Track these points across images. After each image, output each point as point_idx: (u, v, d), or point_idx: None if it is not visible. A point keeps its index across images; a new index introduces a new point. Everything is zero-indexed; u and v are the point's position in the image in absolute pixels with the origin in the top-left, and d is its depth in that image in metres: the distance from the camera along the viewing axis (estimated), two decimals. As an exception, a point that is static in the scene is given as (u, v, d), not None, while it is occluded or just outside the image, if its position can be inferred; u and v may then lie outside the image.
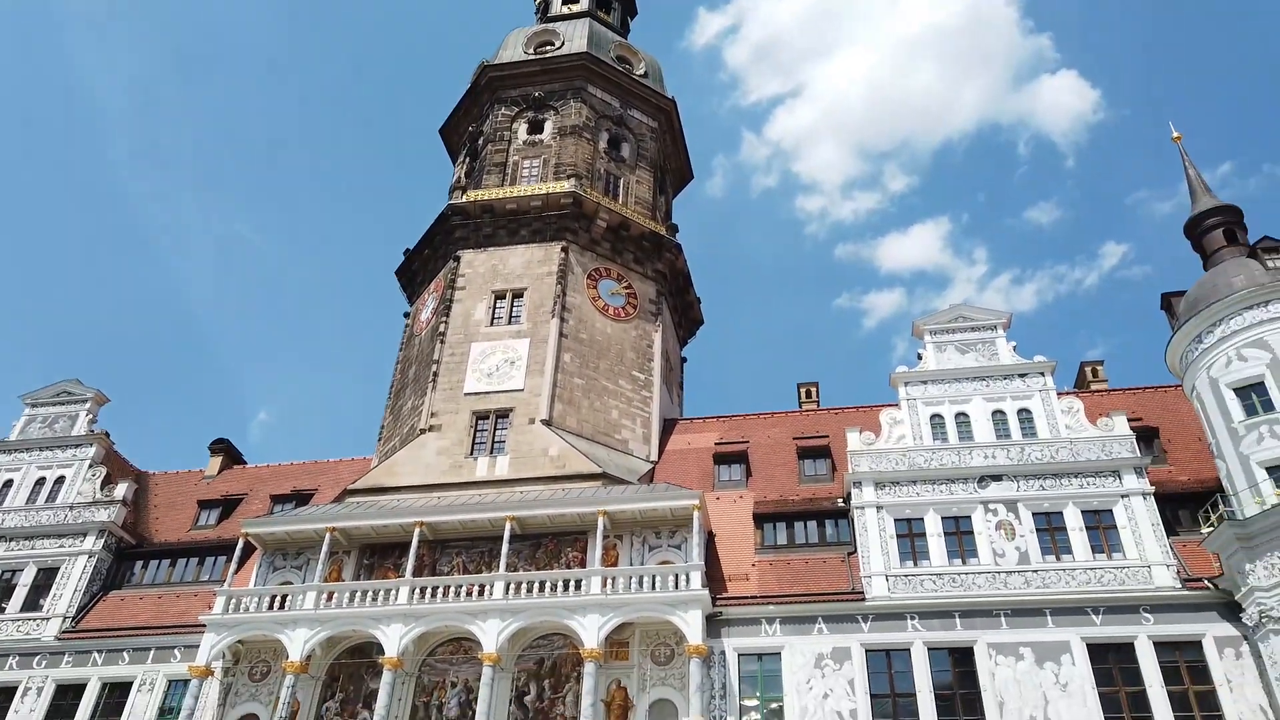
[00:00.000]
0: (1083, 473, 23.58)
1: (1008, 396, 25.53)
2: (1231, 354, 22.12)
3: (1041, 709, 20.49)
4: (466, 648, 23.73)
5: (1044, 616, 21.70)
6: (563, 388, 29.56)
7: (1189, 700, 20.12)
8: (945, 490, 24.07)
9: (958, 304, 27.96)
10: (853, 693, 21.48)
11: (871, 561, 23.21)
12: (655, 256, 34.27)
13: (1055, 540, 22.92)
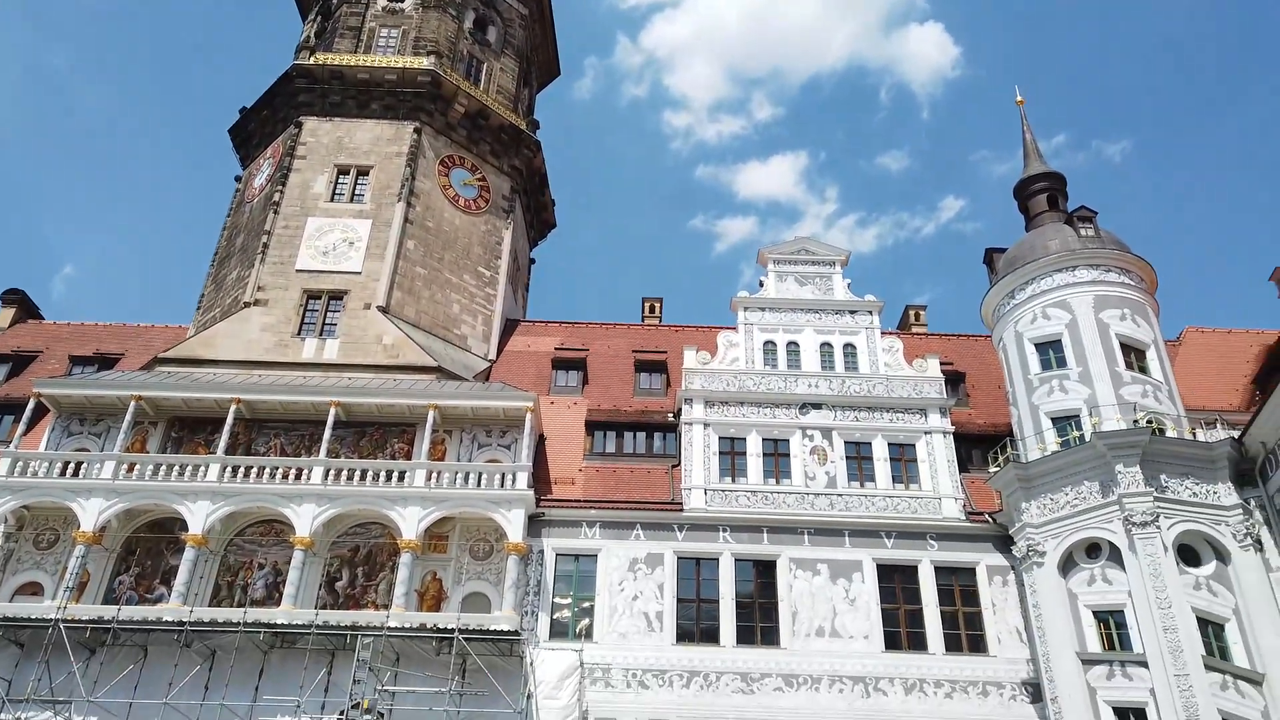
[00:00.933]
0: (894, 408, 25.19)
1: (837, 330, 26.74)
2: (1037, 311, 23.97)
3: (830, 620, 22.21)
4: (278, 530, 23.09)
5: (842, 537, 23.32)
6: (403, 275, 28.56)
7: (958, 619, 22.31)
8: (769, 414, 25.15)
9: (802, 237, 28.82)
10: (661, 596, 22.49)
11: (693, 475, 24.10)
12: (513, 151, 33.28)
13: (862, 468, 24.52)
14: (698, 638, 22.16)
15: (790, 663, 21.65)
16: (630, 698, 21.16)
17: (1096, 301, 23.38)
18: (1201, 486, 20.51)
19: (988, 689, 21.32)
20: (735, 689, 21.35)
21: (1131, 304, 23.54)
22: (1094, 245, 24.12)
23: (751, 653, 21.82)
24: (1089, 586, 20.46)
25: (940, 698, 21.21)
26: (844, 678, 21.47)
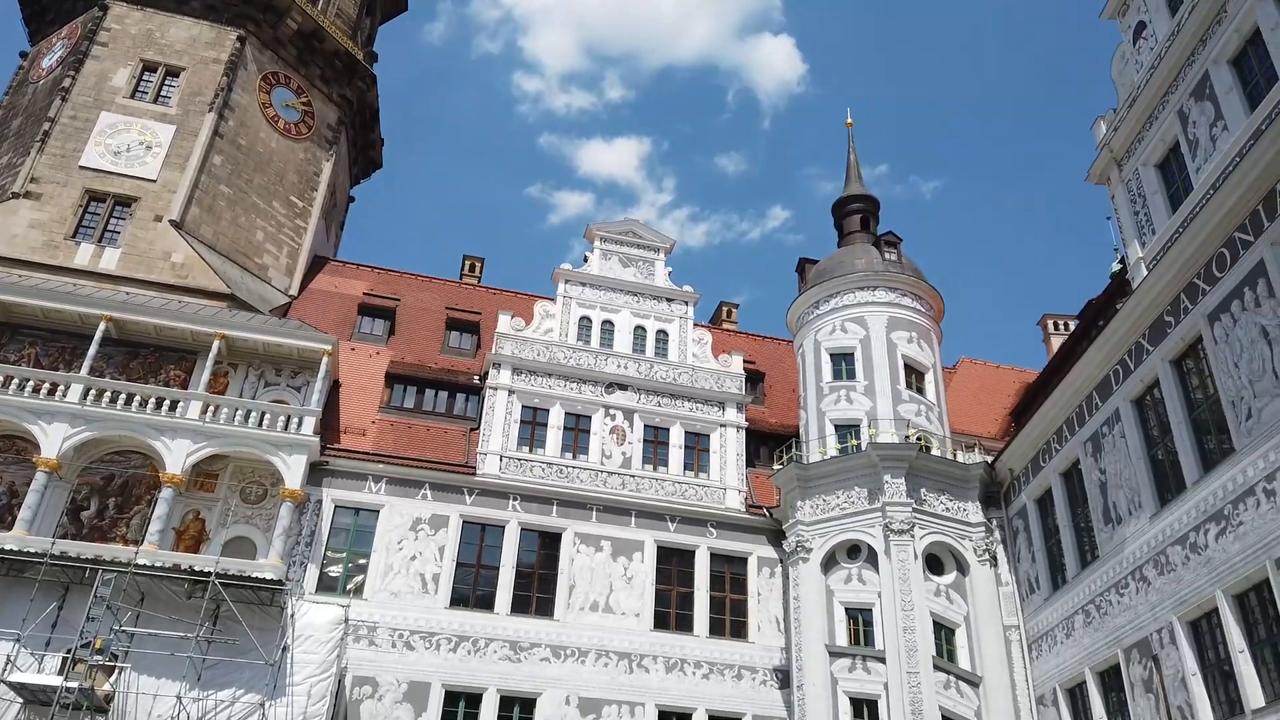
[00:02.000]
0: (695, 398, 25.91)
1: (652, 316, 27.17)
2: (837, 324, 25.33)
3: (606, 596, 22.62)
4: (20, 447, 20.82)
5: (629, 517, 23.78)
6: (205, 191, 26.44)
7: (725, 605, 23.31)
8: (575, 389, 25.22)
9: (632, 219, 29.04)
10: (440, 559, 22.11)
11: (491, 441, 23.79)
12: (345, 80, 31.49)
13: (657, 452, 25.08)
14: (472, 603, 21.96)
15: (561, 634, 21.87)
16: (394, 658, 20.69)
17: (890, 322, 24.98)
18: (954, 503, 22.38)
19: (743, 672, 22.43)
20: (503, 656, 21.34)
21: (919, 329, 25.31)
22: (895, 270, 25.72)
23: (524, 622, 21.87)
24: (845, 584, 21.88)
25: (698, 678, 22.11)
26: (611, 652, 21.93)
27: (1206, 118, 16.58)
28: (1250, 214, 14.85)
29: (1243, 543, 14.39)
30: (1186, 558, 15.76)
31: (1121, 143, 19.10)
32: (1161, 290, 16.88)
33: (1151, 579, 16.66)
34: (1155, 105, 18.10)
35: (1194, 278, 16.18)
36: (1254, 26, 15.48)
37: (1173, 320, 16.75)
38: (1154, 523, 16.76)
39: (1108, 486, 18.49)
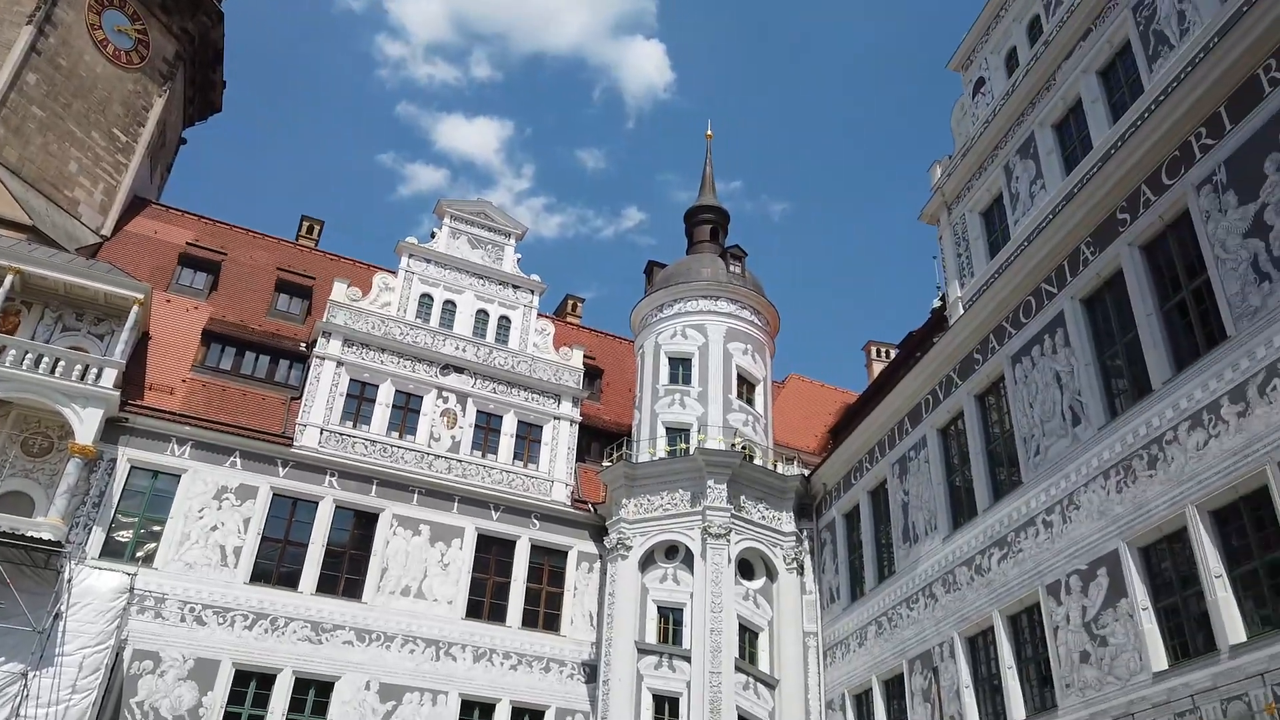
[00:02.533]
0: (532, 388, 25.73)
1: (496, 301, 26.78)
2: (679, 329, 25.82)
3: (419, 581, 22.09)
4: None
5: (452, 502, 23.34)
6: (14, 110, 23.94)
7: (540, 597, 23.28)
8: (409, 367, 24.51)
9: (486, 201, 28.52)
10: (244, 531, 20.95)
11: (313, 412, 22.76)
12: (188, 13, 29.25)
13: (488, 439, 24.73)
14: (275, 580, 20.93)
15: (368, 618, 21.20)
16: (182, 632, 19.44)
17: (728, 333, 25.68)
18: (770, 512, 23.26)
19: (551, 665, 22.46)
20: (303, 637, 20.45)
21: (755, 342, 26.16)
22: (738, 282, 26.47)
23: (329, 603, 21.05)
24: (660, 584, 22.32)
25: (506, 669, 21.97)
26: (418, 639, 21.45)
27: (1029, 175, 17.97)
28: (1056, 269, 16.20)
29: (1020, 568, 15.68)
30: (971, 578, 17.01)
31: (953, 188, 20.41)
32: (974, 330, 18.14)
33: (939, 596, 17.88)
34: (986, 157, 19.45)
35: (1003, 321, 17.49)
36: (1077, 97, 16.91)
37: (980, 359, 18.05)
38: (946, 544, 18.00)
39: (909, 507, 19.71)
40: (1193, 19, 14.14)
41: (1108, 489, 13.97)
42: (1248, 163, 12.38)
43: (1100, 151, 15.72)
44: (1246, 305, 12.02)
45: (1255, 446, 11.48)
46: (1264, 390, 11.51)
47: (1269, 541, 11.34)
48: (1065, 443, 15.17)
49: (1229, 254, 12.46)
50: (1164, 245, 14.04)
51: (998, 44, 19.89)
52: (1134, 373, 14.22)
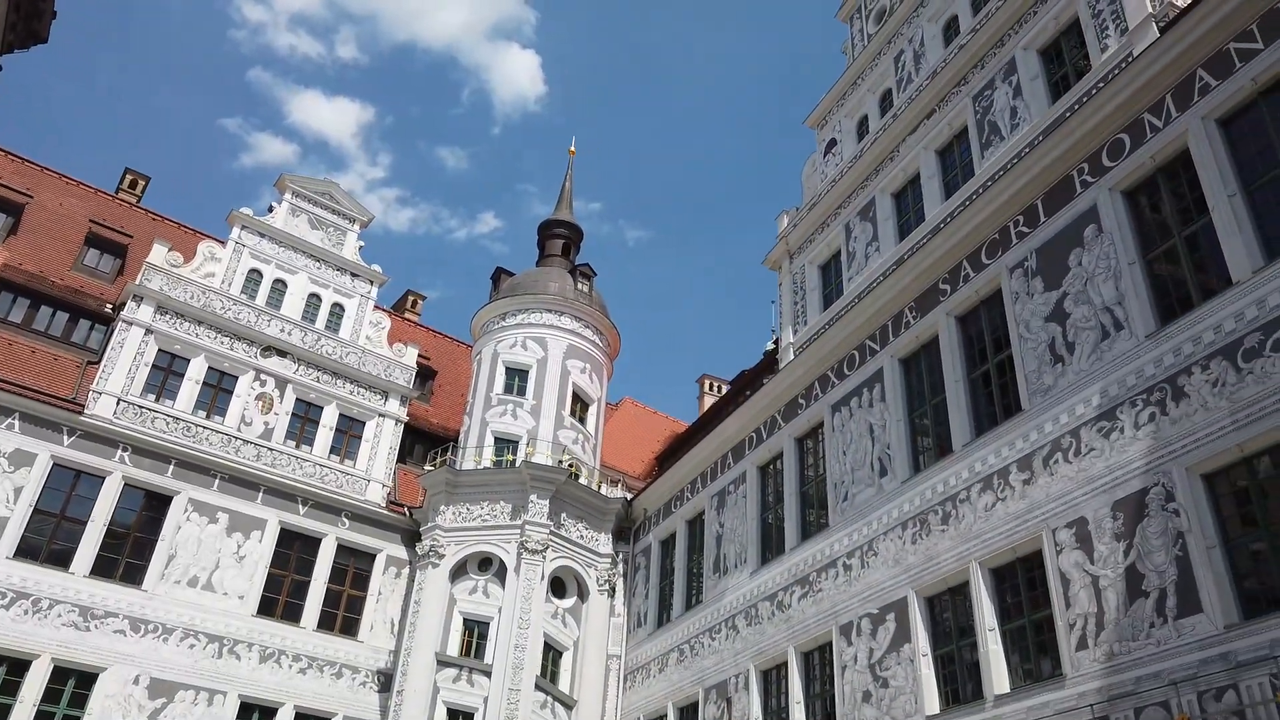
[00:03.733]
0: (359, 382, 24.79)
1: (332, 287, 25.71)
2: (519, 339, 25.61)
3: (210, 572, 20.73)
4: None
5: (256, 491, 22.08)
6: None
7: (341, 599, 22.33)
8: (227, 344, 23.11)
9: (334, 182, 27.39)
10: (13, 501, 19.04)
11: (111, 380, 21.02)
12: (26, -69, 26.69)
13: (304, 430, 23.60)
14: (44, 557, 19.12)
15: (146, 607, 19.67)
16: (-78, 609, 17.37)
17: (569, 349, 25.70)
18: (589, 532, 23.33)
19: (343, 671, 21.55)
20: (69, 623, 18.74)
21: (594, 361, 26.30)
22: (584, 300, 26.58)
23: (104, 587, 19.41)
24: (470, 595, 21.89)
25: (294, 672, 20.90)
26: (201, 634, 20.08)
27: (866, 236, 19.04)
28: (881, 328, 17.20)
29: (818, 607, 16.41)
30: (773, 613, 17.65)
31: (796, 239, 21.34)
32: (801, 375, 18.97)
33: (741, 628, 18.45)
34: (829, 214, 20.47)
35: (828, 370, 18.38)
36: (916, 171, 18.09)
37: (804, 403, 18.87)
38: (753, 578, 18.61)
39: (723, 539, 20.27)
40: (1023, 115, 15.45)
41: (904, 539, 14.87)
42: (1055, 253, 13.60)
43: (931, 224, 16.85)
44: (1041, 383, 13.15)
45: (1035, 513, 12.53)
46: (1048, 462, 12.60)
47: (1038, 601, 12.37)
48: (871, 491, 16.04)
49: (1031, 334, 13.60)
50: (977, 318, 15.18)
51: (852, 110, 21.02)
52: (939, 433, 15.24)
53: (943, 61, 17.89)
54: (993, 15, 16.60)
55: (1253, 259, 10.70)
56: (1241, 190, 11.19)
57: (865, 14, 21.64)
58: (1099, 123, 13.29)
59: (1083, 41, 14.72)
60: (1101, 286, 12.60)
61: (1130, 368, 11.78)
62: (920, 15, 19.22)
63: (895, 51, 19.85)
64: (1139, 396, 11.53)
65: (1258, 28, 11.41)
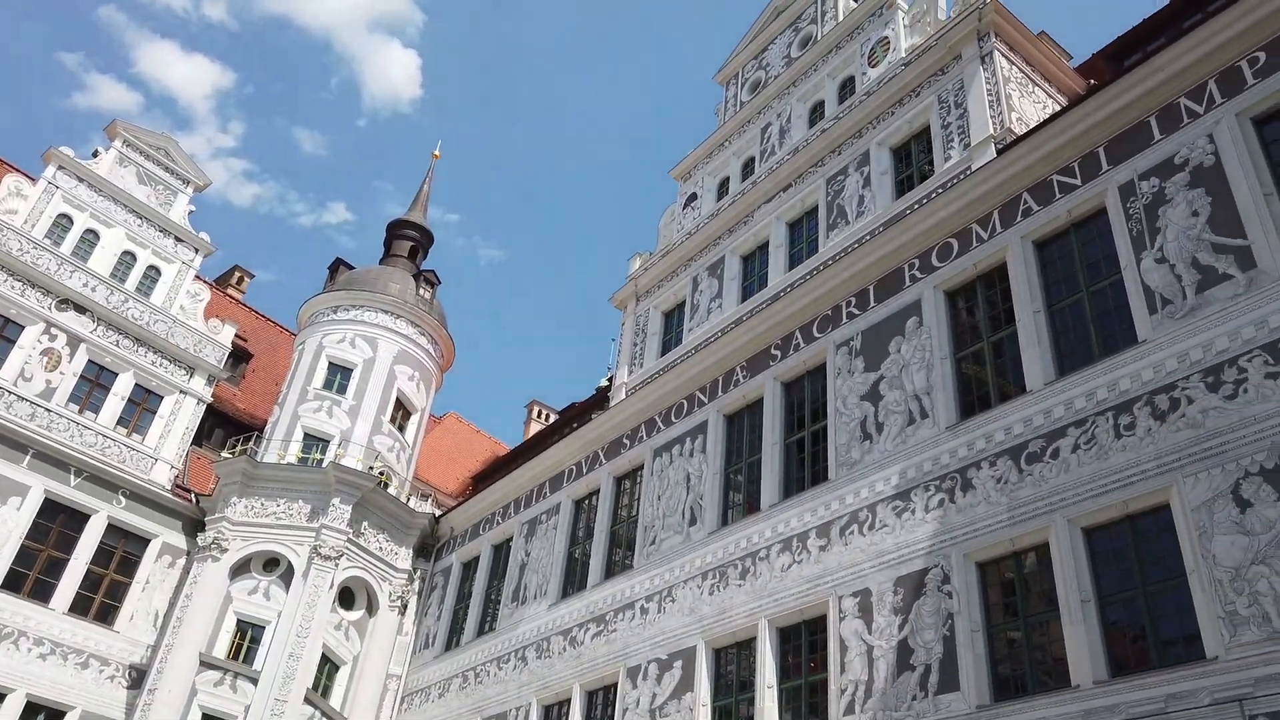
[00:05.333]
0: (164, 352, 23.08)
1: (151, 248, 23.92)
2: (349, 336, 24.61)
3: (-50, 537, 18.55)
4: None
5: (24, 454, 20.08)
6: None
7: (102, 583, 20.54)
8: (18, 289, 21.01)
9: (174, 139, 25.63)
10: None
11: None
12: None
13: (93, 394, 21.72)
14: None
15: None
16: None
17: (400, 355, 24.93)
18: (390, 544, 22.51)
19: (92, 662, 19.72)
20: None
21: (424, 371, 25.62)
22: (424, 307, 25.92)
23: None
24: (249, 595, 20.59)
25: (33, 656, 18.96)
26: (-74, 605, 17.87)
27: (711, 292, 19.61)
28: (712, 382, 17.68)
29: (610, 647, 16.45)
30: (564, 649, 17.55)
31: (645, 283, 21.71)
32: (630, 416, 19.18)
33: (530, 661, 18.22)
34: (680, 265, 20.97)
35: (656, 415, 18.68)
36: (766, 239, 18.84)
37: (628, 444, 19.06)
38: (551, 611, 18.47)
39: (527, 568, 20.04)
40: (869, 205, 16.44)
41: (702, 589, 15.19)
42: (879, 338, 14.45)
43: (772, 291, 17.55)
44: (849, 456, 13.86)
45: (826, 579, 13.11)
46: (844, 532, 13.24)
47: (817, 664, 12.90)
48: (679, 539, 16.33)
49: (846, 409, 14.34)
50: (801, 386, 15.86)
51: (716, 169, 21.72)
52: (750, 490, 15.75)
53: (805, 141, 18.82)
54: (855, 108, 17.64)
55: (1046, 372, 11.75)
56: (1045, 308, 12.30)
57: (741, 82, 22.51)
58: (933, 225, 14.31)
59: (930, 148, 15.87)
60: (914, 375, 13.47)
61: (928, 454, 12.61)
62: (791, 94, 20.19)
63: (764, 122, 20.72)
64: (932, 482, 12.34)
65: (1079, 166, 12.68)
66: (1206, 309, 10.30)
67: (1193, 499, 9.49)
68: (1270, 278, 9.88)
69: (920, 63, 16.47)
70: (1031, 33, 16.15)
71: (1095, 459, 10.59)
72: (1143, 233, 11.37)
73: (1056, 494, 10.79)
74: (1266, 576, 8.64)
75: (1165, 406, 10.19)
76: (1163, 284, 10.86)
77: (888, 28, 18.12)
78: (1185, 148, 11.39)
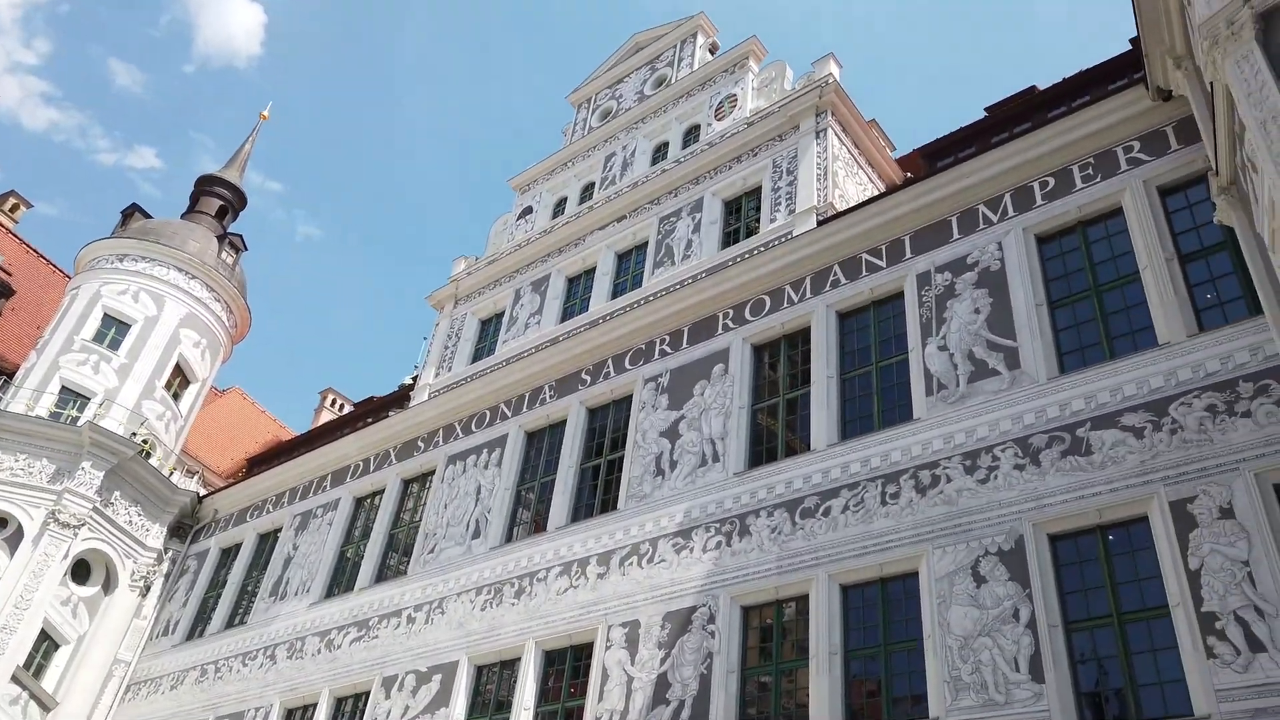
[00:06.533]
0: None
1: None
2: (134, 288, 22.61)
3: None
4: None
5: None
6: None
7: None
8: None
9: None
10: None
11: None
12: None
13: None
14: None
15: None
16: None
17: (188, 317, 23.18)
18: (142, 519, 20.74)
19: None
20: None
21: (212, 339, 23.93)
22: (224, 272, 24.29)
23: None
24: (-37, 557, 18.32)
25: None
26: None
27: (532, 307, 19.53)
28: (519, 397, 17.56)
29: (369, 653, 15.84)
30: (319, 650, 16.71)
31: (467, 288, 21.35)
32: (430, 419, 18.69)
33: (280, 659, 17.21)
34: (505, 276, 20.77)
35: (456, 422, 18.31)
36: (594, 265, 19.02)
37: (423, 447, 18.56)
38: (311, 610, 17.56)
39: (292, 563, 18.98)
40: (696, 250, 16.96)
41: (475, 604, 14.94)
42: (686, 379, 14.88)
43: (592, 317, 17.72)
44: (640, 490, 14.12)
45: (599, 606, 13.24)
46: (624, 563, 13.44)
47: (576, 690, 12.96)
48: (459, 551, 16.01)
49: (645, 443, 14.63)
50: (605, 414, 16.04)
51: (555, 187, 21.77)
52: (540, 510, 15.71)
53: (645, 178, 19.22)
54: (696, 155, 18.24)
55: (830, 434, 12.49)
56: (838, 375, 13.11)
57: (593, 107, 22.75)
58: (751, 280, 14.96)
59: (759, 207, 16.63)
60: (713, 419, 13.95)
61: (714, 497, 13.07)
62: (639, 129, 20.60)
63: (609, 151, 21.00)
64: (714, 524, 12.79)
65: (886, 249, 13.66)
66: (974, 398, 11.33)
67: (939, 569, 10.34)
68: (1030, 379, 11.00)
69: (762, 125, 17.27)
70: (864, 119, 17.34)
71: (861, 521, 11.34)
72: (931, 320, 12.39)
73: (823, 549, 11.45)
74: (990, 648, 9.52)
75: (927, 481, 11.08)
76: (941, 370, 11.86)
77: (738, 86, 18.90)
78: (978, 250, 12.55)
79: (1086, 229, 11.90)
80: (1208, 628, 8.38)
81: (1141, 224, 11.17)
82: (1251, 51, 7.91)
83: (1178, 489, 9.22)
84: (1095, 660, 9.16)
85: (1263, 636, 8.11)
